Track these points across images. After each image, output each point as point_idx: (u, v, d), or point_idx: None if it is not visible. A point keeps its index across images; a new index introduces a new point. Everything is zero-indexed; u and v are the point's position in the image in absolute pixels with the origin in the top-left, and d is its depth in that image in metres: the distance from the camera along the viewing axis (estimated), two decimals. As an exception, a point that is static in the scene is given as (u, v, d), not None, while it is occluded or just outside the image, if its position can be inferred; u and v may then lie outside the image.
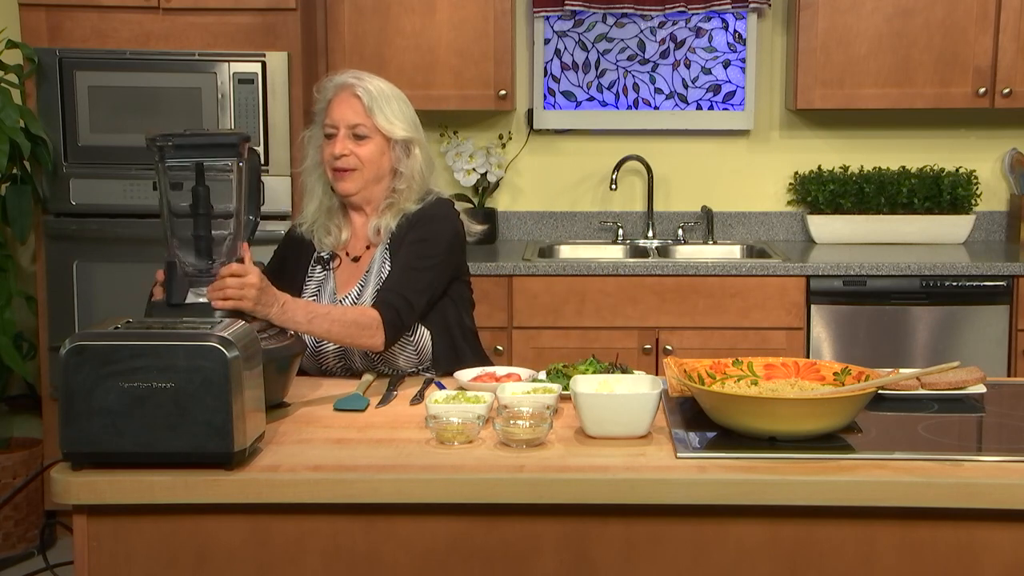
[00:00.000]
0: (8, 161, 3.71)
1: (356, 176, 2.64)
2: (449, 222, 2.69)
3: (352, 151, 2.62)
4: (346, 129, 2.62)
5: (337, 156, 2.62)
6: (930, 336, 3.98)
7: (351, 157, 2.62)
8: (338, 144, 2.62)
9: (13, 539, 4.01)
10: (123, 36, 3.94)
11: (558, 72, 4.58)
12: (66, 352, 1.82)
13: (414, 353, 2.61)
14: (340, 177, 2.64)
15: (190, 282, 2.22)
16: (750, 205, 4.61)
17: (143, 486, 1.84)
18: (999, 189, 4.57)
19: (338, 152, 2.62)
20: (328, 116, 2.65)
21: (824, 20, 4.18)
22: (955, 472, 1.86)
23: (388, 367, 2.61)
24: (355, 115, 2.62)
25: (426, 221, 2.66)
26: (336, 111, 2.63)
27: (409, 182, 2.67)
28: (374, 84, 2.65)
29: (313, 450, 1.99)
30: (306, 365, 2.59)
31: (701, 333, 3.98)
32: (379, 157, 2.65)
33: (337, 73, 2.71)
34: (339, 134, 2.63)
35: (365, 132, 2.63)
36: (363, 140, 2.63)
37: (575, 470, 1.88)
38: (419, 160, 2.68)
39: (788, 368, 2.20)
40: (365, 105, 2.62)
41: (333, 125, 2.64)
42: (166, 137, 2.20)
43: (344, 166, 2.63)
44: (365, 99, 2.62)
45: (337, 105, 2.64)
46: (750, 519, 1.87)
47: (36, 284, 4.07)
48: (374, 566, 1.89)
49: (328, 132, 2.65)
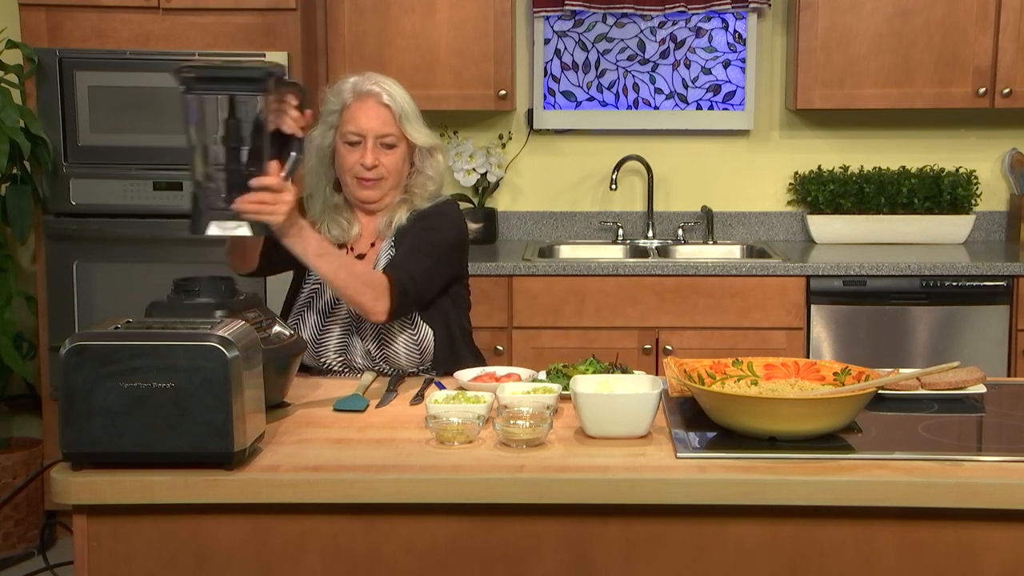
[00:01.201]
0: (8, 161, 3.71)
1: (382, 185, 2.65)
2: (457, 221, 2.71)
3: (380, 161, 2.62)
4: (375, 139, 2.62)
5: (369, 167, 2.61)
6: (930, 336, 3.98)
7: (380, 167, 2.63)
8: (368, 155, 2.61)
9: (13, 539, 4.01)
10: (123, 36, 3.94)
11: (558, 72, 4.58)
12: (66, 352, 1.82)
13: (417, 352, 2.61)
14: (366, 186, 2.64)
15: (214, 215, 2.19)
16: (750, 205, 4.61)
17: (143, 486, 1.84)
18: (999, 189, 4.57)
19: (369, 163, 2.61)
20: (352, 123, 2.63)
21: (824, 20, 4.18)
22: (955, 472, 1.86)
23: (389, 365, 2.61)
24: (383, 125, 2.62)
25: (435, 216, 2.68)
26: (362, 119, 2.62)
27: (426, 182, 2.69)
28: (396, 91, 2.65)
29: (313, 450, 1.99)
30: (305, 360, 2.59)
31: (701, 333, 3.98)
32: (402, 165, 2.67)
33: (351, 76, 2.69)
34: (368, 144, 2.62)
35: (393, 141, 2.63)
36: (391, 149, 2.63)
37: (575, 470, 1.88)
38: (441, 163, 2.71)
39: (788, 368, 2.20)
40: (396, 114, 2.62)
41: (359, 133, 2.62)
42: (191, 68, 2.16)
43: (374, 176, 2.63)
44: (395, 109, 2.62)
45: (362, 113, 2.62)
46: (750, 519, 1.87)
47: (36, 284, 4.07)
48: (374, 566, 1.89)
49: (352, 140, 2.63)
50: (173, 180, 3.91)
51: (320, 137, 2.69)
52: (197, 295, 2.17)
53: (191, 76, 2.15)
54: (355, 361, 2.64)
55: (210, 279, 2.21)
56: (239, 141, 2.19)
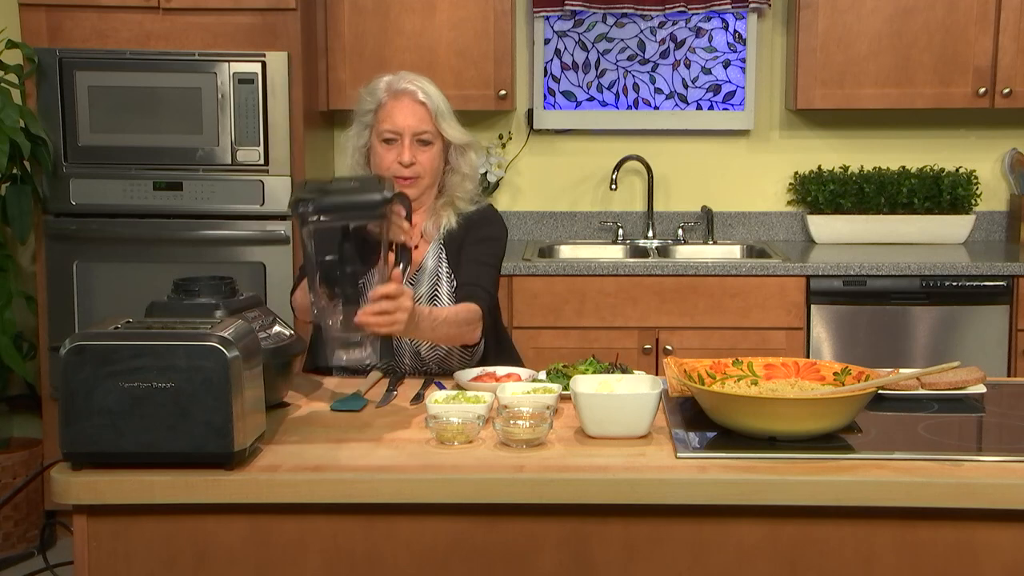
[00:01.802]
0: (8, 161, 3.71)
1: (420, 183, 2.66)
2: (504, 227, 2.77)
3: (417, 159, 2.63)
4: (411, 136, 2.62)
5: (407, 164, 2.61)
6: (930, 336, 3.98)
7: (417, 165, 2.63)
8: (406, 152, 2.61)
9: (13, 539, 4.01)
10: (123, 36, 3.94)
11: (558, 72, 4.58)
12: (66, 352, 1.82)
13: (470, 354, 2.63)
14: (404, 185, 2.63)
15: (338, 343, 2.16)
16: (750, 205, 4.61)
17: (143, 486, 1.84)
18: (999, 189, 4.57)
19: (407, 160, 2.61)
20: (388, 121, 2.63)
21: (824, 20, 4.18)
22: (955, 472, 1.86)
23: (440, 367, 2.62)
24: (420, 122, 2.62)
25: (485, 223, 2.71)
26: (399, 117, 2.62)
27: (463, 180, 2.70)
28: (431, 89, 2.66)
29: (313, 450, 1.99)
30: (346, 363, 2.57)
31: (701, 333, 3.98)
32: (438, 162, 2.68)
33: (385, 75, 2.70)
34: (405, 141, 2.62)
35: (429, 138, 2.64)
36: (426, 146, 2.64)
37: (575, 470, 1.88)
38: (475, 161, 2.73)
39: (788, 368, 2.20)
40: (431, 111, 2.63)
41: (396, 131, 2.62)
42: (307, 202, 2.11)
43: (411, 174, 2.63)
44: (431, 106, 2.63)
45: (399, 111, 2.63)
46: (750, 519, 1.87)
47: (36, 284, 4.07)
48: (374, 566, 1.89)
49: (389, 138, 2.63)
50: (173, 180, 3.91)
51: (356, 137, 2.69)
52: (197, 295, 2.17)
53: (309, 211, 2.11)
54: (403, 362, 2.64)
55: (210, 279, 2.21)
56: (356, 263, 2.17)
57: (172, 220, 3.93)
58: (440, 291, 2.65)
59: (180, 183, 3.91)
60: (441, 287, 2.66)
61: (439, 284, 2.66)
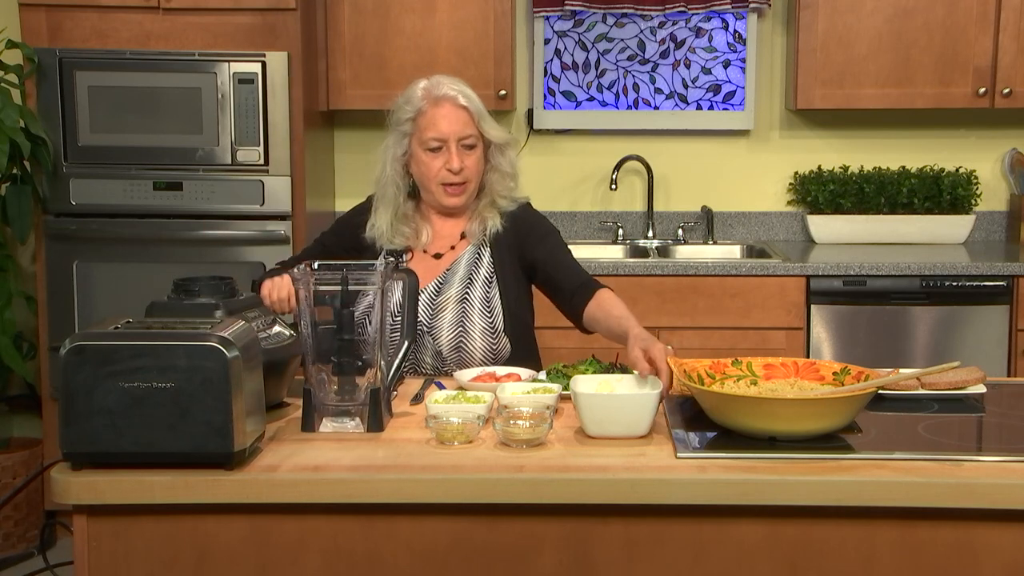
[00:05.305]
0: (8, 161, 3.72)
1: (468, 188, 2.66)
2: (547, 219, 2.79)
3: (464, 164, 2.62)
4: (457, 142, 2.61)
5: (456, 170, 2.61)
6: (930, 336, 3.98)
7: (466, 170, 2.63)
8: (455, 159, 2.61)
9: (13, 539, 4.01)
10: (123, 36, 3.95)
11: (558, 72, 4.58)
12: (66, 352, 1.82)
13: (492, 353, 2.61)
14: (453, 192, 2.64)
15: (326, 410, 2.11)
16: (750, 205, 4.61)
17: (143, 486, 1.84)
18: (999, 189, 4.57)
19: (456, 166, 2.61)
20: (432, 129, 2.61)
21: (824, 20, 4.18)
22: (955, 472, 1.86)
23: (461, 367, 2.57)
24: (464, 127, 2.62)
25: (533, 222, 2.73)
26: (443, 124, 2.61)
27: (504, 178, 2.69)
28: (469, 91, 2.66)
29: (313, 450, 1.99)
30: None
31: (701, 333, 3.98)
32: (481, 165, 2.67)
33: (420, 81, 2.68)
34: (451, 147, 2.61)
35: (473, 142, 2.64)
36: (471, 150, 2.63)
37: (575, 470, 1.88)
38: (514, 159, 2.72)
39: (788, 368, 2.20)
40: (473, 115, 2.63)
41: (441, 138, 2.61)
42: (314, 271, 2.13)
43: (461, 179, 2.63)
44: (472, 109, 2.63)
45: (442, 117, 2.61)
46: (750, 519, 1.86)
47: (36, 284, 4.07)
48: (374, 566, 1.89)
49: (434, 146, 2.62)
50: (173, 180, 3.92)
51: (395, 147, 2.67)
52: (197, 295, 2.17)
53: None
54: (424, 362, 2.63)
55: (210, 279, 2.21)
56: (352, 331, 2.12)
57: (172, 220, 3.94)
58: (472, 293, 2.63)
59: (180, 183, 3.91)
60: (473, 290, 2.63)
61: (472, 287, 2.63)
